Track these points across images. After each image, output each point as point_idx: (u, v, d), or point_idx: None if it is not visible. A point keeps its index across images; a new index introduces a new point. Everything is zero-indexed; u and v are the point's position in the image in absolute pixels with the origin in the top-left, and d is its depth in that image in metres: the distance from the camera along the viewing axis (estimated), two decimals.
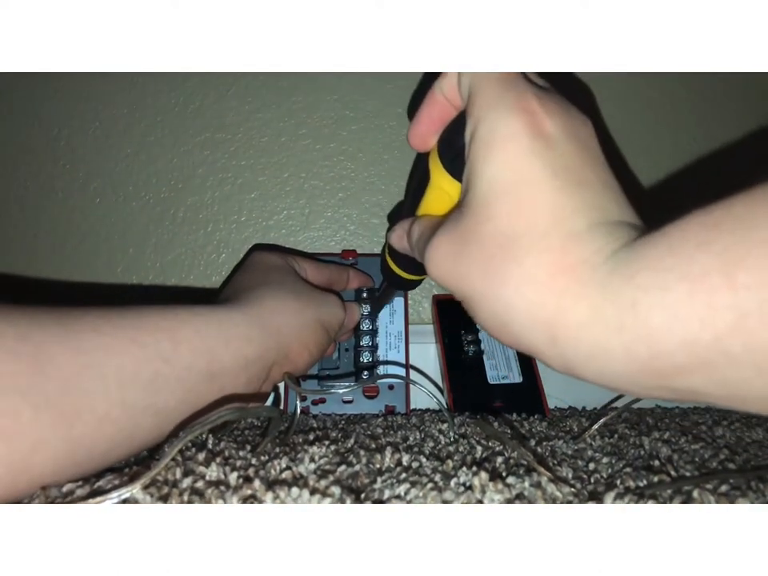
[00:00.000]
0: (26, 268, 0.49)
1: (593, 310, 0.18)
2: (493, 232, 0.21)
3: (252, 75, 0.51)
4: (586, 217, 0.20)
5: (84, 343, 0.24)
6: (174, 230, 0.51)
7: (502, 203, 0.21)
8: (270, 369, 0.33)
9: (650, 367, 0.17)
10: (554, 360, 0.20)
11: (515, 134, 0.21)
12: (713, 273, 0.15)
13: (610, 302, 0.17)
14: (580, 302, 0.18)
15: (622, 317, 0.17)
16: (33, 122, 0.50)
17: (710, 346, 0.15)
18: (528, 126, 0.21)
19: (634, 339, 0.17)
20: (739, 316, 0.15)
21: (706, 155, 0.53)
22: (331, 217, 0.52)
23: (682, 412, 0.43)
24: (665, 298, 0.16)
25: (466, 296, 0.23)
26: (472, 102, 0.23)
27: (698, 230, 0.16)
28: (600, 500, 0.21)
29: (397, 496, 0.21)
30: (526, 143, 0.21)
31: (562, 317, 0.19)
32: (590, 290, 0.18)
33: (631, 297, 0.17)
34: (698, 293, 0.15)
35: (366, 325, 0.45)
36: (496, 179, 0.21)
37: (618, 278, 0.17)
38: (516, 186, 0.21)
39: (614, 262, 0.18)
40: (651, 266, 0.17)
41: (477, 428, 0.32)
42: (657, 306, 0.16)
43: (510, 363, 0.45)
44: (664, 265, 0.16)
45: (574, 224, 0.20)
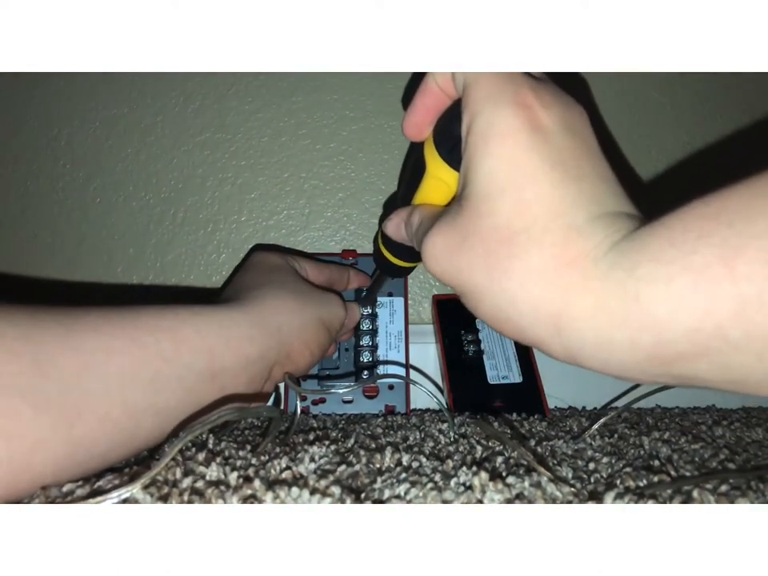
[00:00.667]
0: (26, 268, 0.49)
1: (597, 303, 0.18)
2: (493, 227, 0.21)
3: (252, 75, 0.51)
4: (586, 209, 0.20)
5: (84, 343, 0.24)
6: (173, 230, 0.51)
7: (501, 198, 0.21)
8: (271, 368, 0.33)
9: (654, 355, 0.17)
10: (558, 351, 0.20)
11: (513, 128, 0.21)
12: (714, 264, 0.16)
13: (614, 295, 0.18)
14: (584, 296, 0.19)
15: (626, 309, 0.17)
16: (33, 122, 0.50)
17: (713, 334, 0.16)
18: (525, 120, 0.21)
19: (639, 329, 0.17)
20: (740, 305, 0.15)
21: (705, 155, 0.53)
22: (331, 217, 0.52)
23: (681, 412, 0.43)
24: (668, 290, 0.16)
25: (466, 290, 0.23)
26: (467, 93, 0.23)
27: (697, 222, 0.17)
28: (600, 500, 0.21)
29: (397, 496, 0.21)
30: (524, 138, 0.21)
31: (566, 310, 0.19)
32: (593, 283, 0.18)
33: (635, 289, 0.17)
34: (700, 284, 0.16)
35: (366, 325, 0.45)
36: (495, 174, 0.21)
37: (620, 270, 0.18)
38: (515, 181, 0.21)
39: (616, 253, 0.18)
40: (653, 258, 0.17)
41: (477, 428, 0.32)
42: (661, 298, 0.17)
43: (510, 363, 0.45)
44: (666, 257, 0.17)
45: (574, 217, 0.20)
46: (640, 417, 0.39)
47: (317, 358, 0.37)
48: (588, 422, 0.36)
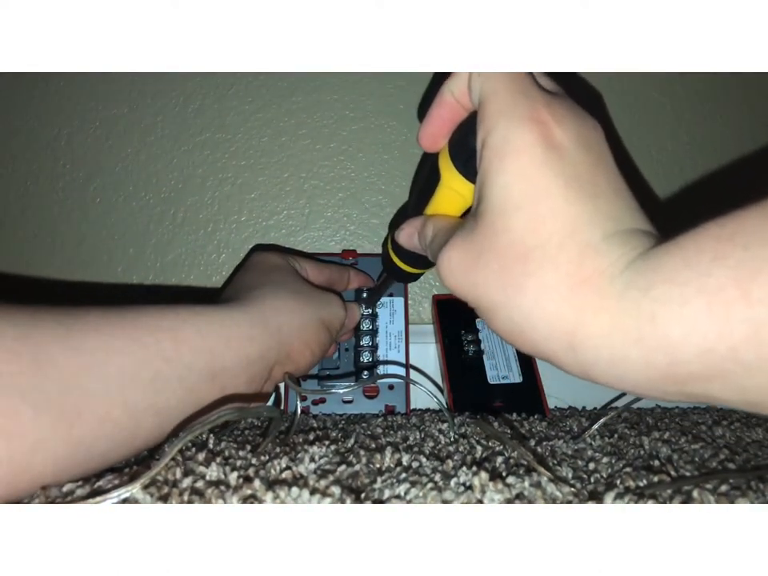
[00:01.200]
0: (26, 268, 0.49)
1: (612, 322, 0.18)
2: (509, 243, 0.21)
3: (252, 75, 0.51)
4: (601, 227, 0.20)
5: (85, 343, 0.24)
6: (173, 230, 0.50)
7: (516, 215, 0.21)
8: (271, 368, 0.33)
9: (668, 375, 0.18)
10: (572, 366, 0.20)
11: (527, 144, 0.21)
12: (728, 287, 0.16)
13: (630, 314, 0.18)
14: (600, 314, 0.19)
15: (641, 329, 0.18)
16: (33, 122, 0.50)
17: (726, 356, 0.16)
18: (539, 136, 0.21)
19: (653, 349, 0.17)
20: (753, 328, 0.15)
21: (704, 155, 0.53)
22: (331, 217, 0.52)
23: (681, 412, 0.43)
24: (683, 312, 0.17)
25: (481, 305, 0.23)
26: (483, 107, 0.23)
27: (712, 244, 0.17)
28: (600, 500, 0.21)
29: (397, 496, 0.21)
30: (539, 154, 0.21)
31: (581, 328, 0.19)
32: (608, 302, 0.19)
33: (650, 310, 0.17)
34: (714, 306, 0.16)
35: (366, 325, 0.45)
36: (510, 190, 0.22)
37: (635, 290, 0.18)
38: (530, 198, 0.21)
39: (631, 272, 0.19)
40: (668, 279, 0.17)
41: (477, 428, 0.32)
42: (675, 319, 0.17)
43: (510, 363, 0.45)
44: (681, 278, 0.17)
45: (589, 235, 0.20)
46: (640, 417, 0.39)
47: (317, 358, 0.37)
48: (588, 422, 0.36)
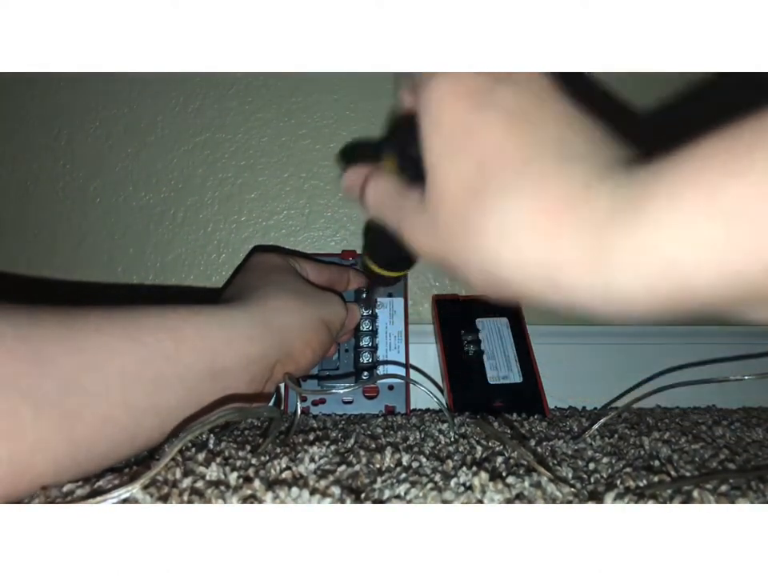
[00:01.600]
0: (26, 268, 0.49)
1: (599, 246, 0.16)
2: (459, 191, 0.20)
3: (252, 75, 0.51)
4: (561, 151, 0.18)
5: (85, 343, 0.24)
6: (173, 230, 0.51)
7: (456, 162, 0.20)
8: (272, 368, 0.33)
9: (677, 300, 0.15)
10: (563, 306, 0.18)
11: (453, 101, 0.21)
12: (749, 206, 0.13)
13: (621, 244, 0.16)
14: (581, 239, 0.16)
15: (639, 259, 0.15)
16: (33, 122, 0.50)
17: (759, 276, 0.14)
18: (466, 96, 0.21)
19: (658, 279, 0.15)
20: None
21: None
22: (331, 217, 0.52)
23: (681, 412, 0.43)
24: (694, 239, 0.14)
25: (452, 264, 0.21)
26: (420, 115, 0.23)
27: (725, 158, 0.14)
28: (600, 500, 0.21)
29: (397, 496, 0.21)
30: (466, 103, 0.20)
31: (558, 255, 0.17)
32: (590, 225, 0.16)
33: (652, 238, 0.15)
34: (734, 228, 0.13)
35: (365, 325, 0.45)
36: (444, 144, 0.21)
37: (625, 214, 0.16)
38: (465, 141, 0.20)
39: (616, 192, 0.16)
40: (671, 206, 0.15)
41: (477, 428, 0.32)
42: (686, 248, 0.14)
43: (510, 363, 0.45)
44: (688, 200, 0.14)
45: (550, 159, 0.18)
46: (640, 417, 0.39)
47: (318, 358, 0.37)
48: (588, 422, 0.36)
